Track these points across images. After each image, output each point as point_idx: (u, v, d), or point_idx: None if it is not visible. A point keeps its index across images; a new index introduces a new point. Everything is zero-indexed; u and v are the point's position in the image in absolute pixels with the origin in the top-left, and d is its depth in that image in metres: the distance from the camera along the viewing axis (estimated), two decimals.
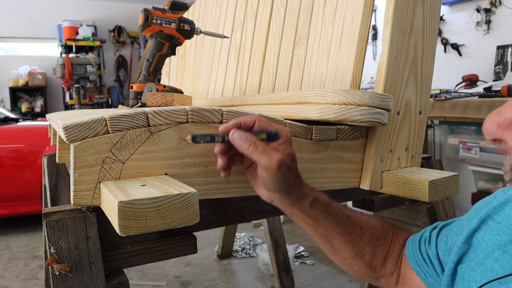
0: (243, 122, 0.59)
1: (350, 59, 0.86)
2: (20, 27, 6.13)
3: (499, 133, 0.32)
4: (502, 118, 0.32)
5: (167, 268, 2.40)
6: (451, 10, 3.06)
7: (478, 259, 0.49)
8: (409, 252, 0.66)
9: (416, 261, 0.64)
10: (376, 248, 0.68)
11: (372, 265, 0.68)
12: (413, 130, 0.87)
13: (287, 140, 0.60)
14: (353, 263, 0.69)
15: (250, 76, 1.28)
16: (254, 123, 0.59)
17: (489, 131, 0.32)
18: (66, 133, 0.55)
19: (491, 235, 0.49)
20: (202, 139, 0.58)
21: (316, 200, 0.63)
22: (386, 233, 0.69)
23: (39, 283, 2.24)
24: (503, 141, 0.32)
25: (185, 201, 0.51)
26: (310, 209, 0.64)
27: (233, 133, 0.58)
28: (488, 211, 0.52)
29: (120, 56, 6.87)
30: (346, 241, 0.67)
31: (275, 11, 1.20)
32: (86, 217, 0.61)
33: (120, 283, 0.63)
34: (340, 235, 0.67)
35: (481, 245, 0.50)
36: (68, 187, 1.09)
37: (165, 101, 1.00)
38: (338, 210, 0.66)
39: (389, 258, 0.68)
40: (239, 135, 0.58)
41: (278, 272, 1.99)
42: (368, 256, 0.67)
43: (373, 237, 0.68)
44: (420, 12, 0.83)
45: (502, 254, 0.46)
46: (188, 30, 1.06)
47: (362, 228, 0.67)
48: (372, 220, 0.69)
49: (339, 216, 0.66)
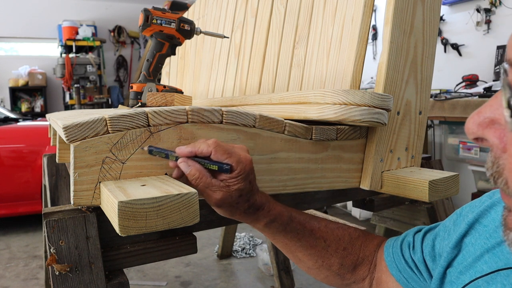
0: (199, 152, 0.57)
1: (350, 59, 0.86)
2: (20, 27, 6.13)
3: (480, 131, 0.33)
4: (482, 117, 0.33)
5: (167, 268, 2.40)
6: (451, 10, 3.06)
7: (467, 262, 0.50)
8: (388, 258, 0.65)
9: (397, 267, 0.63)
10: (344, 258, 0.68)
11: (340, 274, 0.68)
12: (413, 130, 0.87)
13: (242, 173, 0.56)
14: (319, 272, 0.69)
15: (250, 76, 1.28)
16: (210, 153, 0.56)
17: (471, 130, 0.34)
18: (66, 133, 0.55)
19: (479, 239, 0.50)
20: (158, 153, 0.58)
21: (273, 221, 0.63)
22: (353, 242, 0.69)
23: (39, 283, 2.24)
24: (484, 139, 0.34)
25: (185, 201, 0.51)
26: (265, 228, 0.65)
27: (180, 162, 0.57)
28: (475, 216, 0.53)
29: (120, 56, 6.87)
30: (310, 254, 0.67)
31: (275, 11, 1.20)
32: (86, 217, 0.61)
33: (120, 283, 0.63)
34: (303, 248, 0.67)
35: (469, 249, 0.51)
36: (68, 187, 1.09)
37: (165, 101, 1.00)
38: (299, 226, 0.66)
39: (360, 266, 0.68)
40: (185, 166, 0.57)
41: (278, 272, 1.99)
42: (336, 267, 0.68)
43: (339, 248, 0.67)
44: (420, 12, 0.83)
45: (492, 257, 0.47)
46: (188, 30, 1.06)
47: (327, 240, 0.67)
48: (339, 230, 0.69)
49: (301, 231, 0.66)
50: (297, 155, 0.74)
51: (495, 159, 0.33)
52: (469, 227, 0.53)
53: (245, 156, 0.58)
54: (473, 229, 0.52)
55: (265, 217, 0.62)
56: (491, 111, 0.33)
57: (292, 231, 0.65)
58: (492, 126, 0.33)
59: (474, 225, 0.53)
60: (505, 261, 0.45)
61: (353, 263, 0.68)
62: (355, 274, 0.68)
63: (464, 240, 0.53)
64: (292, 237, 0.65)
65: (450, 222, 0.59)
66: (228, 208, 0.59)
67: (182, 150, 0.57)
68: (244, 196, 0.58)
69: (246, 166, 0.57)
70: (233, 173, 0.56)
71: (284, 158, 0.73)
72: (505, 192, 0.33)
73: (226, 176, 0.56)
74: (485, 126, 0.33)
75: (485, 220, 0.52)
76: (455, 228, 0.56)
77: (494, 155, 0.34)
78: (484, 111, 0.33)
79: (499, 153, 0.33)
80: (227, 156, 0.56)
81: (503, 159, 0.32)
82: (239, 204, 0.58)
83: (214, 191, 0.57)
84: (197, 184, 0.56)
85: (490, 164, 0.34)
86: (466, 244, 0.52)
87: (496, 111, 0.32)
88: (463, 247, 0.52)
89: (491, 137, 0.33)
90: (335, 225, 0.69)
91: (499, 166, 0.33)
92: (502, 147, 0.32)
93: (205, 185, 0.56)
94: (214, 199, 0.57)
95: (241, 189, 0.57)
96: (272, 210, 0.63)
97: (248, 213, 0.61)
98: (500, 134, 0.32)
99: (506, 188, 0.33)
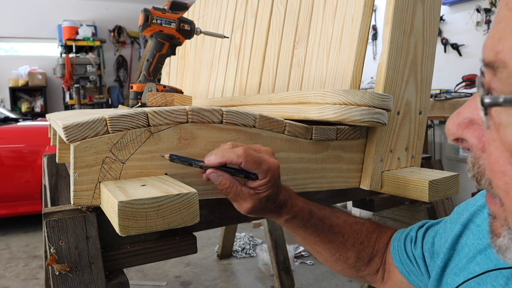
0: (229, 161, 0.57)
1: (350, 59, 0.86)
2: (20, 27, 6.13)
3: (460, 132, 0.33)
4: (461, 118, 0.33)
5: (167, 268, 2.40)
6: (451, 10, 3.06)
7: (462, 264, 0.50)
8: (393, 250, 0.67)
9: (400, 260, 0.65)
10: (360, 252, 0.69)
11: (356, 267, 0.70)
12: (413, 130, 0.87)
13: (271, 181, 0.58)
14: (336, 264, 0.71)
15: (250, 76, 1.28)
16: (240, 163, 0.56)
17: (450, 131, 0.34)
18: (66, 133, 0.55)
19: (473, 239, 0.51)
20: (181, 161, 0.58)
21: (294, 217, 0.65)
22: (370, 236, 0.70)
23: (39, 283, 2.24)
24: (464, 140, 0.34)
25: (185, 201, 0.51)
26: (286, 224, 0.67)
27: (209, 173, 0.58)
28: (469, 216, 0.53)
29: (120, 56, 6.87)
30: (328, 248, 0.69)
31: (275, 11, 1.20)
32: (86, 217, 0.61)
33: (120, 283, 0.63)
34: (321, 242, 0.69)
35: (464, 250, 0.52)
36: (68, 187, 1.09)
37: (165, 101, 1.00)
38: (319, 222, 0.67)
39: (374, 258, 0.70)
40: (214, 177, 0.58)
41: (278, 272, 1.99)
42: (352, 260, 0.69)
43: (356, 242, 0.69)
44: (420, 12, 0.83)
45: (484, 258, 0.47)
46: (188, 30, 1.06)
47: (345, 235, 0.69)
48: (357, 225, 0.70)
49: (320, 227, 0.67)
50: (297, 155, 0.74)
51: (475, 160, 0.33)
52: (463, 227, 0.53)
53: (273, 163, 0.59)
54: (467, 229, 0.53)
55: (287, 213, 0.64)
56: (469, 112, 0.33)
57: (311, 227, 0.67)
58: (471, 126, 0.33)
59: (468, 224, 0.53)
60: (495, 262, 0.46)
61: (369, 256, 0.70)
62: (369, 266, 0.70)
63: (460, 241, 0.53)
64: (311, 232, 0.67)
65: (449, 220, 0.60)
66: (256, 212, 0.61)
67: (211, 160, 0.58)
68: (272, 200, 0.60)
69: (275, 173, 0.59)
70: (263, 181, 0.58)
71: (284, 158, 0.73)
72: (490, 192, 0.33)
73: (256, 185, 0.58)
74: (464, 126, 0.33)
75: (478, 220, 0.52)
76: (451, 227, 0.57)
77: (474, 155, 0.34)
78: (463, 111, 0.33)
79: (478, 153, 0.33)
80: (257, 167, 0.57)
81: (483, 159, 0.32)
82: (266, 207, 0.61)
83: (244, 199, 0.59)
84: (228, 193, 0.58)
85: (470, 165, 0.34)
86: (462, 245, 0.53)
87: (474, 111, 0.32)
88: (459, 247, 0.53)
89: (470, 138, 0.33)
90: (354, 219, 0.71)
91: (480, 166, 0.33)
92: (481, 147, 0.32)
93: (235, 193, 0.58)
94: (245, 207, 0.59)
95: (270, 195, 0.59)
96: (294, 206, 0.65)
97: (273, 212, 0.63)
98: (479, 134, 0.32)
99: (490, 188, 0.32)
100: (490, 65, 0.28)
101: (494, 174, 0.30)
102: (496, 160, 0.29)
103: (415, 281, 0.63)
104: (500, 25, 0.27)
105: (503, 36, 0.27)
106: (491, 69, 0.28)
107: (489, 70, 0.29)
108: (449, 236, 0.55)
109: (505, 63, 0.27)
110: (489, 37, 0.29)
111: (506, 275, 0.44)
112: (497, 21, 0.28)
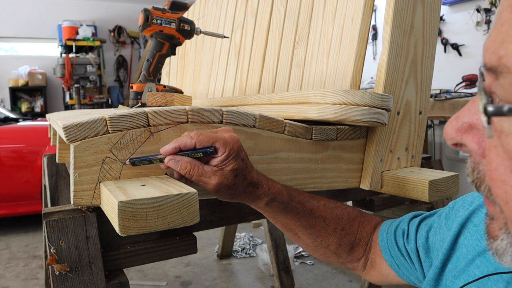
0: (183, 145, 0.56)
1: (350, 59, 0.86)
2: (20, 27, 6.13)
3: (459, 137, 0.32)
4: (460, 122, 0.32)
5: (167, 268, 2.40)
6: (451, 10, 3.06)
7: (461, 266, 0.50)
8: (382, 242, 0.66)
9: (390, 253, 0.64)
10: (342, 238, 0.68)
11: (337, 253, 0.69)
12: (413, 130, 0.87)
13: (232, 153, 0.56)
14: (316, 249, 0.70)
15: (250, 76, 1.28)
16: (194, 144, 0.55)
17: (449, 136, 0.33)
18: (66, 133, 0.55)
19: (471, 240, 0.50)
20: (141, 162, 0.58)
21: (273, 200, 0.63)
22: (352, 222, 0.69)
23: (39, 283, 2.24)
24: (463, 145, 0.33)
25: (185, 201, 0.51)
26: (266, 207, 0.64)
27: (168, 161, 0.57)
28: (467, 214, 0.53)
29: (120, 56, 6.87)
30: (309, 233, 0.68)
31: (275, 11, 1.20)
32: (86, 217, 0.61)
33: (120, 283, 0.63)
34: (302, 227, 0.67)
35: (462, 250, 0.51)
36: (68, 187, 1.09)
37: (165, 101, 1.00)
38: (299, 205, 0.66)
39: (356, 247, 0.69)
40: (173, 163, 0.56)
41: (278, 272, 1.99)
42: (333, 246, 0.68)
43: (337, 228, 0.68)
44: (420, 12, 0.83)
45: (483, 261, 0.47)
46: (188, 30, 1.06)
47: (326, 219, 0.67)
48: (338, 210, 0.69)
49: (300, 211, 0.66)
50: (297, 155, 0.74)
51: (475, 165, 0.33)
52: (461, 226, 0.53)
53: (230, 136, 0.57)
54: (465, 229, 0.52)
55: (266, 195, 0.62)
56: (469, 116, 0.32)
57: (292, 211, 0.65)
58: (470, 131, 0.32)
59: (466, 224, 0.53)
60: (495, 265, 0.45)
61: (350, 244, 0.69)
62: (351, 254, 0.69)
63: (458, 240, 0.53)
64: (292, 216, 0.66)
65: (443, 214, 0.59)
66: (227, 190, 0.58)
67: (165, 148, 0.57)
68: (240, 175, 0.58)
69: (234, 145, 0.57)
70: (223, 155, 0.56)
71: (284, 158, 0.73)
72: (489, 199, 0.32)
73: (217, 161, 0.56)
74: (463, 131, 0.32)
75: (476, 219, 0.52)
76: (447, 223, 0.56)
77: (473, 160, 0.33)
78: (462, 116, 0.32)
79: (478, 159, 0.32)
80: (212, 142, 0.56)
81: (482, 165, 0.32)
82: (237, 184, 0.58)
83: (209, 177, 0.56)
84: (191, 175, 0.56)
85: (470, 170, 0.33)
86: (460, 245, 0.52)
87: (474, 116, 0.32)
88: (457, 247, 0.53)
89: (470, 143, 0.32)
90: (334, 204, 0.70)
91: (480, 172, 0.32)
92: (481, 153, 0.31)
93: (198, 174, 0.56)
94: (211, 185, 0.57)
95: (235, 168, 0.56)
96: (272, 188, 0.63)
97: (248, 192, 0.60)
98: (479, 140, 0.31)
99: (489, 195, 0.32)
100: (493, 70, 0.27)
101: (494, 182, 0.29)
102: (497, 168, 0.29)
103: (405, 274, 0.63)
104: (503, 28, 0.26)
105: (506, 40, 0.26)
106: (493, 73, 0.27)
107: (490, 74, 0.28)
108: (446, 236, 0.55)
109: (509, 68, 0.26)
110: (490, 40, 0.28)
111: (506, 279, 0.43)
112: (499, 23, 0.27)
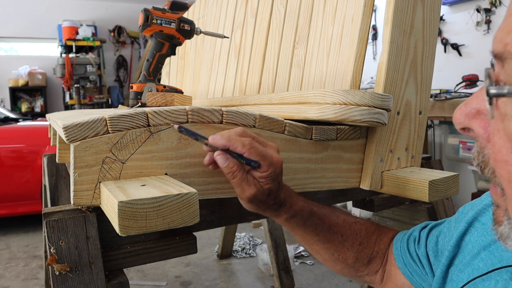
0: (233, 148, 0.57)
1: (350, 59, 0.86)
2: (20, 27, 6.13)
3: (467, 122, 0.35)
4: (469, 108, 0.35)
5: (167, 268, 2.40)
6: (451, 10, 3.06)
7: (466, 261, 0.51)
8: (396, 251, 0.67)
9: (403, 260, 0.65)
10: (359, 252, 0.69)
11: (355, 267, 0.70)
12: (413, 130, 0.87)
13: (272, 175, 0.58)
14: (335, 264, 0.71)
15: (250, 76, 1.28)
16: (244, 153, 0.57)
17: (458, 120, 0.35)
18: (66, 133, 0.55)
19: (477, 236, 0.52)
20: (188, 134, 0.58)
21: (294, 216, 0.65)
22: (370, 236, 0.70)
23: (39, 283, 2.24)
24: (471, 129, 0.35)
25: (185, 201, 0.51)
26: (286, 223, 0.67)
27: (217, 155, 0.57)
28: (474, 214, 0.54)
29: (120, 56, 6.87)
30: (326, 247, 0.69)
31: (275, 11, 1.20)
32: (86, 217, 0.61)
33: (120, 283, 0.63)
34: (320, 242, 0.69)
35: (468, 247, 0.52)
36: (68, 187, 1.09)
37: (165, 101, 1.00)
38: (318, 221, 0.67)
39: (374, 259, 0.70)
40: (222, 159, 0.57)
41: (278, 272, 1.99)
42: (351, 260, 0.69)
43: (355, 243, 0.69)
44: (420, 12, 0.83)
45: (488, 254, 0.48)
46: (188, 30, 1.06)
47: (344, 235, 0.69)
48: (356, 225, 0.70)
49: (319, 226, 0.67)
50: (297, 155, 0.74)
51: (481, 149, 0.34)
52: (468, 225, 0.54)
53: (277, 158, 0.59)
54: (472, 227, 0.53)
55: (287, 212, 0.65)
56: (477, 102, 0.34)
57: (311, 226, 0.67)
58: (478, 116, 0.34)
59: (473, 223, 0.53)
60: (499, 258, 0.46)
61: (368, 257, 0.70)
62: (369, 267, 0.70)
63: (464, 238, 0.54)
64: (310, 231, 0.68)
65: (453, 219, 0.60)
66: (257, 203, 0.61)
67: (216, 139, 0.57)
68: (272, 195, 0.61)
69: (277, 168, 0.59)
70: (264, 174, 0.58)
71: (284, 158, 0.73)
72: (493, 181, 0.34)
73: (258, 176, 0.58)
74: (471, 116, 0.34)
75: (483, 218, 0.52)
76: (456, 226, 0.57)
77: (479, 145, 0.35)
78: (471, 102, 0.35)
79: (484, 143, 0.34)
80: (260, 158, 0.57)
81: (487, 149, 0.33)
82: (266, 201, 0.61)
83: (249, 185, 0.58)
84: (235, 176, 0.58)
85: (476, 154, 0.35)
86: (466, 243, 0.53)
87: (482, 102, 0.34)
88: (463, 245, 0.53)
89: (477, 127, 0.34)
90: (353, 219, 0.71)
91: (485, 155, 0.34)
92: (486, 137, 0.33)
93: (242, 179, 0.58)
94: (248, 193, 0.59)
95: (271, 189, 0.59)
96: (294, 205, 0.65)
97: (272, 208, 0.63)
98: (485, 125, 0.33)
99: (493, 177, 0.33)
100: (499, 57, 0.29)
101: (497, 163, 0.31)
102: (500, 149, 0.30)
103: (418, 281, 0.63)
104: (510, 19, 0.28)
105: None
106: (499, 60, 0.29)
107: (498, 62, 0.30)
108: (453, 235, 0.55)
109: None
110: (499, 30, 0.30)
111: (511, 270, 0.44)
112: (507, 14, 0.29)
